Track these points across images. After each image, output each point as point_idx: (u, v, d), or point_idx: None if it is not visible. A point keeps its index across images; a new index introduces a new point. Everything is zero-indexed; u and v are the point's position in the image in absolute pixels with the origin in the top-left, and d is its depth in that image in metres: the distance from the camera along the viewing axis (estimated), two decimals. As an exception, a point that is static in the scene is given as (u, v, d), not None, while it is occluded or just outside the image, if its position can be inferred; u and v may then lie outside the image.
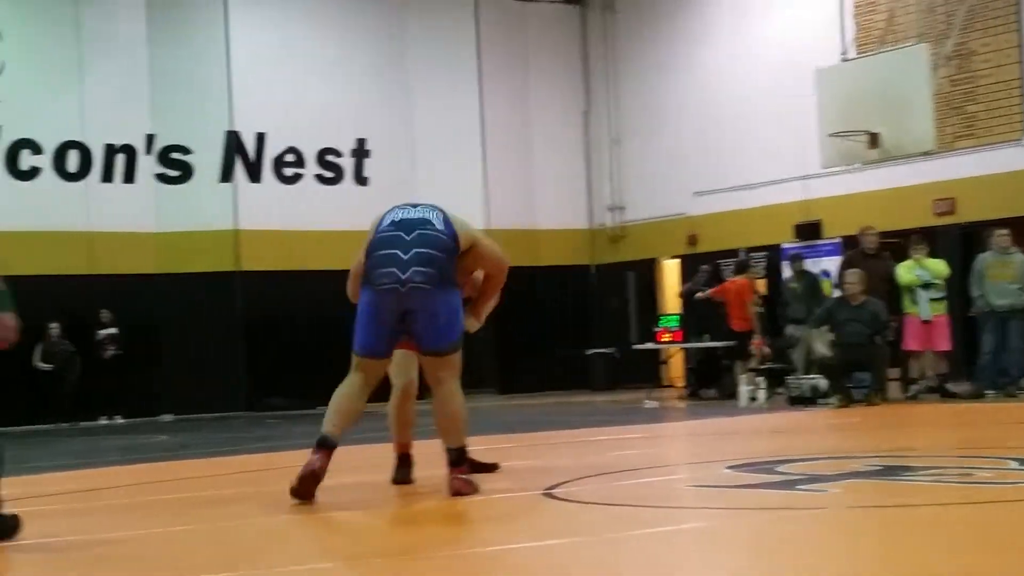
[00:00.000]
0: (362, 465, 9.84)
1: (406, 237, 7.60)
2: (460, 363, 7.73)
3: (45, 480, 9.48)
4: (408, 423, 8.46)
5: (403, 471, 8.43)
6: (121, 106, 22.98)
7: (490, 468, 8.62)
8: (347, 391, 7.79)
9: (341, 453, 7.85)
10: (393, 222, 7.75)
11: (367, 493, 8.13)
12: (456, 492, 7.52)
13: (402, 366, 8.31)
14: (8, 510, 6.44)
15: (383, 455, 8.75)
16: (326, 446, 7.56)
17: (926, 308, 16.05)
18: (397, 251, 7.56)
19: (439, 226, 7.66)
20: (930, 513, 6.29)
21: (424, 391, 8.16)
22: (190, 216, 23.23)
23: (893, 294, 16.37)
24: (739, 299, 19.18)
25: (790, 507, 6.73)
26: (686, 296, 21.31)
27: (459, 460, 7.63)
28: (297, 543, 6.37)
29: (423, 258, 7.51)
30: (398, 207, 7.96)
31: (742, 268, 20.46)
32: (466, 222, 8.00)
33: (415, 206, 7.91)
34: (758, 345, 18.44)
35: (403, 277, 7.49)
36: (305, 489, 7.46)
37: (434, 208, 7.85)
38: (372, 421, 8.44)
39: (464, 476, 7.60)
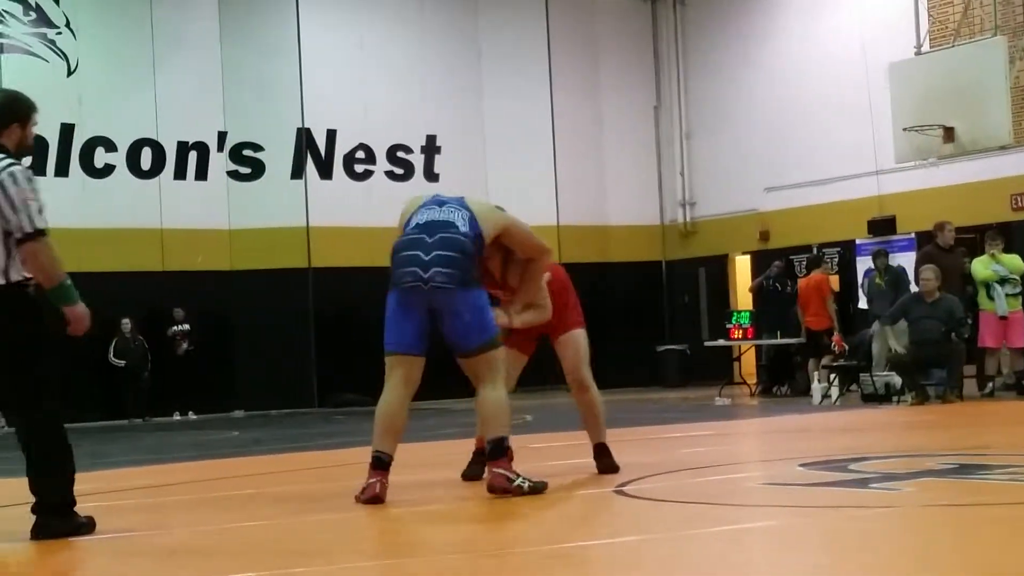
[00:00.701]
0: (430, 461, 9.86)
1: (428, 239, 7.65)
2: (499, 361, 7.67)
3: (120, 475, 9.58)
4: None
5: (477, 467, 8.39)
6: (194, 104, 23.18)
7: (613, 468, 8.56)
8: (386, 404, 7.82)
9: (417, 448, 7.86)
10: (418, 224, 7.79)
11: (436, 490, 8.13)
12: (490, 488, 7.47)
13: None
14: (81, 512, 6.52)
15: (450, 451, 8.76)
16: (380, 466, 7.59)
17: (1003, 304, 15.83)
18: (419, 252, 7.61)
19: (462, 228, 7.68)
20: (1006, 512, 6.20)
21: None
22: (261, 213, 23.38)
23: (968, 290, 16.16)
24: (815, 296, 18.86)
25: (863, 505, 6.66)
26: (756, 290, 21.15)
27: (496, 453, 7.52)
28: (365, 539, 6.38)
29: (443, 260, 7.55)
30: (425, 205, 7.95)
31: (815, 264, 20.16)
32: (494, 209, 7.98)
33: (442, 204, 7.89)
34: (838, 342, 18.06)
35: (424, 276, 7.54)
36: (375, 503, 7.49)
37: (460, 207, 7.83)
38: (446, 416, 8.42)
39: (502, 471, 7.47)
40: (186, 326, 22.57)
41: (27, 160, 6.88)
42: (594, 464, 8.48)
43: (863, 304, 19.84)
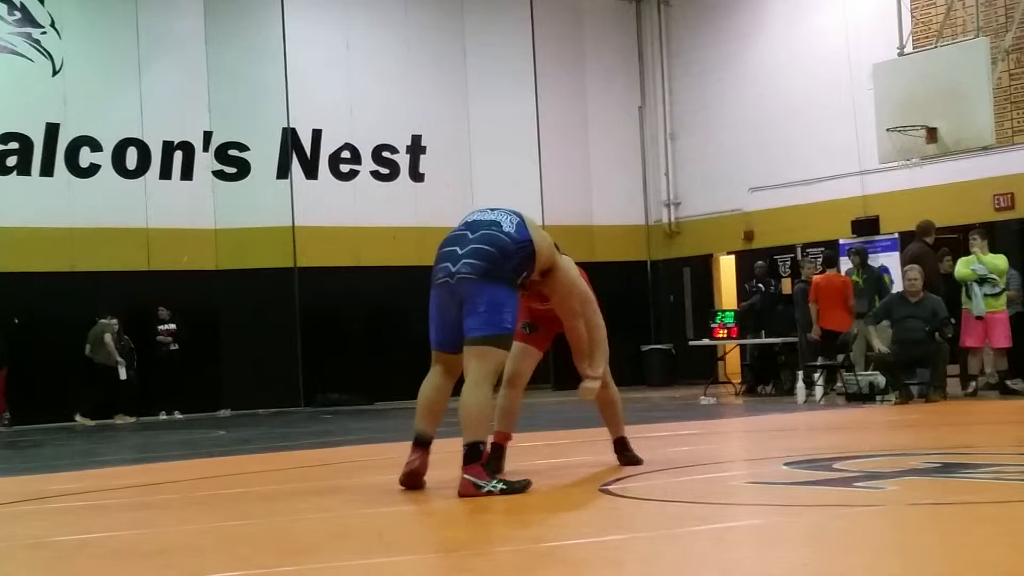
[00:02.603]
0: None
1: (470, 235, 7.72)
2: (498, 362, 7.69)
3: (108, 474, 9.58)
4: (512, 413, 8.56)
5: (495, 462, 8.49)
6: (179, 103, 23.17)
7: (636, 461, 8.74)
8: (425, 388, 7.92)
9: (404, 448, 7.90)
10: (466, 222, 7.89)
11: (426, 488, 8.16)
12: (460, 494, 7.45)
13: (512, 356, 8.25)
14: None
15: (438, 450, 8.77)
16: (419, 443, 7.79)
17: (980, 304, 15.89)
18: (456, 247, 7.69)
19: (508, 228, 7.73)
20: (990, 510, 6.24)
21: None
22: (247, 213, 23.39)
23: (950, 289, 16.23)
24: (839, 296, 18.00)
25: (848, 504, 6.70)
26: (746, 311, 21.10)
27: (470, 457, 7.49)
28: (354, 538, 6.41)
29: (476, 252, 7.61)
30: (479, 210, 8.06)
31: (830, 262, 19.19)
32: (553, 246, 8.03)
33: (494, 210, 7.98)
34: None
35: (453, 270, 7.62)
36: (412, 483, 7.77)
37: (512, 213, 7.89)
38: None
39: (472, 477, 7.44)
40: (172, 325, 22.56)
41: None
42: (605, 459, 8.66)
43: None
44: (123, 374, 21.87)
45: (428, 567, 5.44)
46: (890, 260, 20.49)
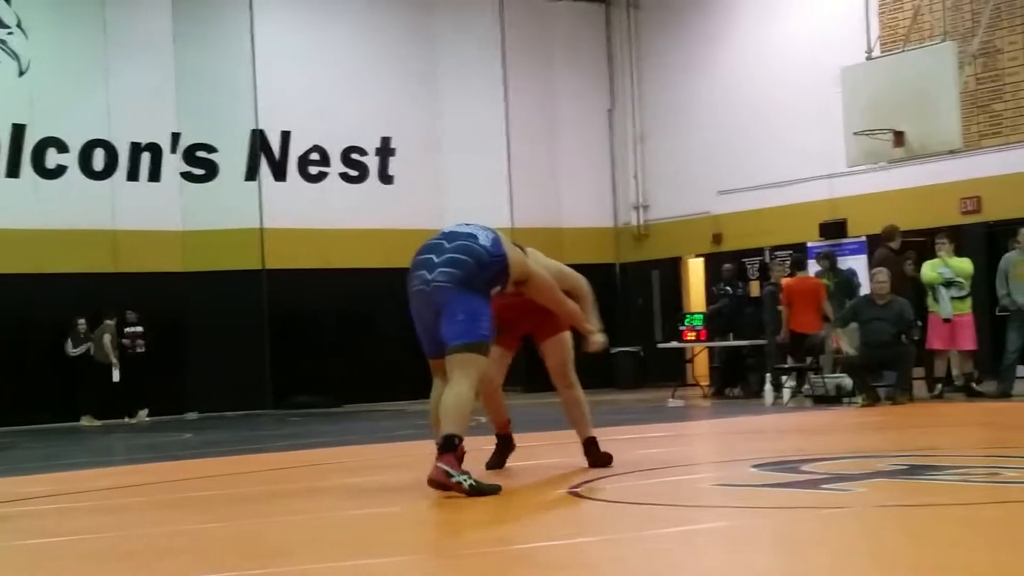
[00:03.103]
0: (386, 463, 9.88)
1: (447, 245, 7.83)
2: (479, 368, 7.72)
3: (75, 477, 9.55)
4: (498, 410, 8.83)
5: (500, 456, 8.89)
6: (147, 105, 23.08)
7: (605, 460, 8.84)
8: (432, 404, 7.97)
9: (374, 450, 7.90)
10: (443, 232, 8.00)
11: (397, 491, 8.16)
12: (430, 481, 7.44)
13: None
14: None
15: (406, 453, 8.80)
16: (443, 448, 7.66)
17: (946, 307, 15.97)
18: (432, 256, 7.79)
19: (484, 242, 7.85)
20: (956, 512, 6.29)
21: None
22: (215, 214, 23.31)
23: (917, 292, 16.30)
24: (812, 298, 17.75)
25: (815, 506, 6.74)
26: (714, 314, 21.13)
27: (446, 447, 7.49)
28: (324, 541, 6.40)
29: (452, 261, 7.72)
30: (455, 224, 8.17)
31: (800, 265, 19.00)
32: (525, 255, 8.20)
33: (469, 224, 8.10)
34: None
35: (429, 278, 7.70)
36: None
37: (490, 230, 8.02)
38: (401, 419, 8.45)
39: (444, 465, 7.42)
40: (139, 328, 22.46)
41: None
42: (575, 462, 8.77)
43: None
44: (116, 376, 21.89)
45: (399, 570, 5.44)
46: (858, 263, 20.57)
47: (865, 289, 17.97)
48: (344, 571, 5.41)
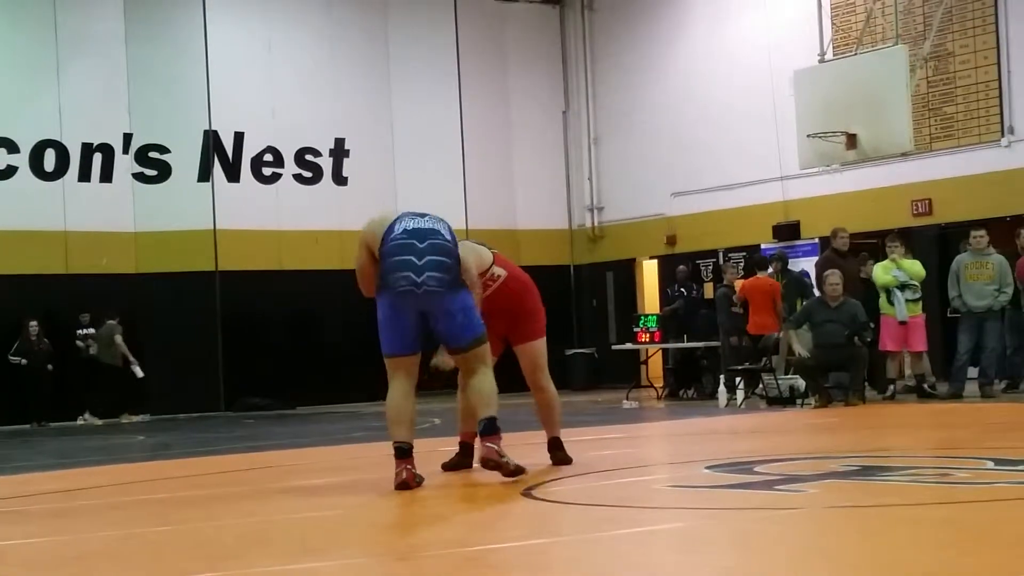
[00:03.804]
0: (340, 465, 9.84)
1: (419, 244, 8.08)
2: (488, 354, 8.25)
3: (25, 480, 9.46)
4: (468, 412, 8.87)
5: (460, 458, 9.03)
6: (99, 105, 22.91)
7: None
8: (392, 402, 8.19)
9: (328, 452, 7.88)
10: (406, 231, 8.17)
11: (349, 493, 8.14)
12: (483, 461, 8.01)
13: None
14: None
15: (358, 454, 8.78)
16: (402, 455, 8.03)
17: (902, 309, 16.07)
18: (412, 257, 8.03)
19: (446, 236, 8.21)
20: (907, 513, 6.32)
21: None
22: (168, 216, 23.17)
23: (868, 294, 16.39)
24: (768, 300, 17.90)
25: (768, 507, 6.76)
26: (669, 315, 21.18)
27: (489, 429, 8.01)
28: (277, 543, 6.38)
29: (436, 264, 8.02)
30: (407, 215, 8.34)
31: (761, 265, 18.97)
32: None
33: (422, 216, 8.33)
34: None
35: (418, 280, 7.98)
36: (406, 488, 7.93)
37: (440, 219, 8.36)
38: (355, 420, 8.42)
39: (493, 445, 7.97)
40: (91, 329, 22.29)
41: None
42: (531, 462, 8.75)
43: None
44: (139, 373, 21.98)
45: (351, 572, 5.42)
46: (811, 265, 20.65)
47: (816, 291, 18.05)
48: (294, 573, 5.38)
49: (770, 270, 18.90)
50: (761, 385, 17.27)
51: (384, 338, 8.14)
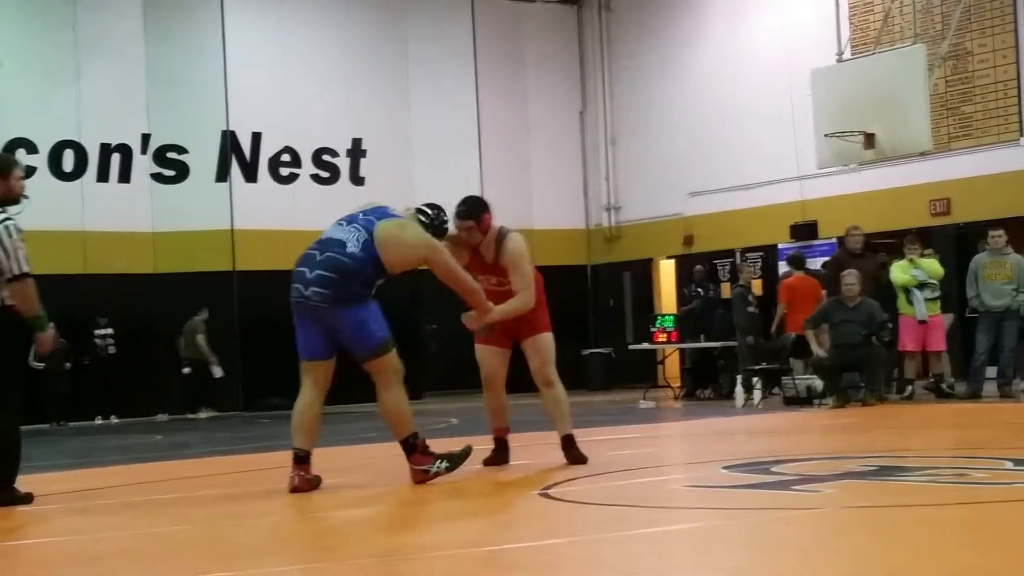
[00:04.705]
0: (356, 465, 9.85)
1: (318, 257, 8.22)
2: (393, 366, 8.23)
3: (44, 480, 9.49)
4: (498, 410, 9.19)
5: (497, 454, 9.18)
6: (117, 106, 22.98)
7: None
8: (296, 408, 8.50)
9: (343, 452, 7.90)
10: (319, 239, 8.36)
11: (365, 492, 8.14)
12: (415, 482, 8.05)
13: (481, 360, 9.10)
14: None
15: (373, 454, 8.78)
16: (297, 461, 8.18)
17: (922, 308, 16.02)
18: (305, 269, 8.23)
19: (351, 248, 8.14)
20: (925, 513, 6.30)
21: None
22: (186, 216, 23.22)
23: (885, 294, 16.33)
24: (810, 298, 17.46)
25: (785, 507, 6.74)
26: (686, 315, 21.12)
27: (409, 449, 8.10)
28: (292, 543, 6.38)
29: (320, 279, 8.11)
30: (342, 219, 8.49)
31: (799, 263, 18.72)
32: (405, 241, 8.32)
33: (352, 221, 8.38)
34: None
35: (306, 293, 8.17)
36: (300, 492, 8.08)
37: (361, 229, 8.27)
38: (371, 420, 8.42)
39: (418, 465, 8.07)
40: (109, 329, 22.34)
41: (15, 208, 8.32)
42: (546, 462, 8.95)
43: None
44: (217, 372, 22.38)
45: (365, 571, 5.42)
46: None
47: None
48: (309, 573, 5.39)
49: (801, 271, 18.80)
50: (778, 386, 17.23)
51: (297, 342, 8.42)
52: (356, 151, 24.81)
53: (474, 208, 9.10)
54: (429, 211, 8.72)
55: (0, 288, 8.33)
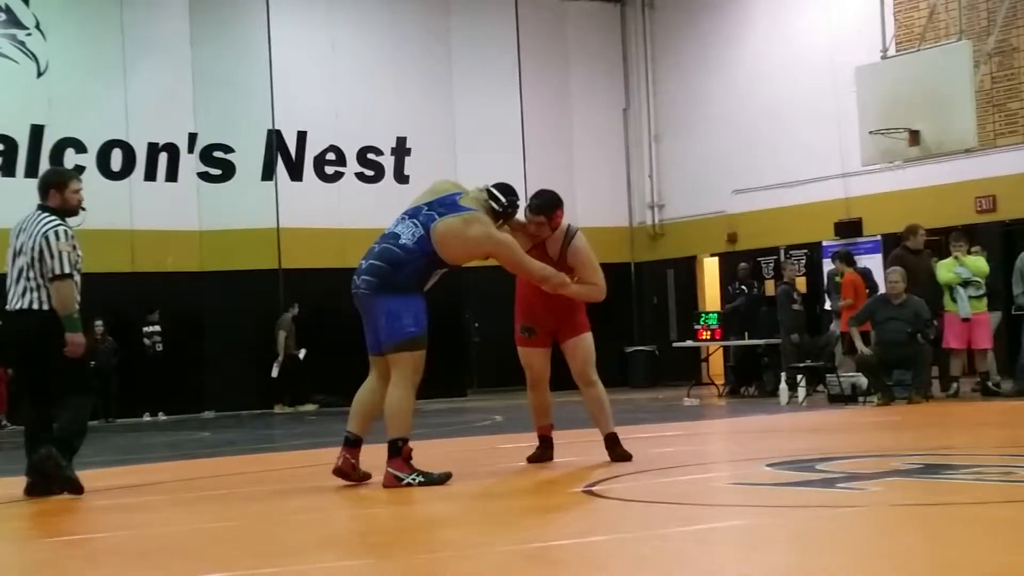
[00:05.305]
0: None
1: (375, 249, 8.27)
2: (413, 365, 8.11)
3: (92, 476, 9.58)
4: (543, 408, 9.23)
5: (541, 451, 9.23)
6: (164, 105, 23.13)
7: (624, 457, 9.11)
8: (357, 395, 8.46)
9: (383, 450, 7.94)
10: (383, 233, 8.39)
11: (411, 490, 8.18)
12: (384, 485, 7.99)
13: (527, 363, 9.18)
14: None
15: (424, 450, 8.82)
16: (346, 444, 8.28)
17: (966, 306, 15.93)
18: (363, 261, 8.28)
19: (405, 241, 8.15)
20: (971, 511, 6.29)
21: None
22: (232, 214, 23.36)
23: (936, 292, 16.25)
24: (859, 295, 17.40)
25: (830, 505, 6.74)
26: (730, 312, 21.06)
27: (392, 452, 8.02)
28: (339, 540, 6.43)
29: (370, 268, 8.16)
30: (404, 212, 8.47)
31: (851, 260, 18.56)
32: (478, 235, 8.27)
33: (414, 214, 8.32)
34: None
35: (358, 283, 8.22)
36: (342, 477, 8.27)
37: (424, 223, 8.19)
38: (415, 418, 8.46)
39: (394, 470, 7.97)
40: (157, 327, 22.52)
41: (74, 220, 9.18)
42: (589, 460, 9.00)
43: (828, 305, 20.01)
44: (275, 371, 22.93)
45: (411, 568, 5.46)
46: (873, 262, 20.54)
47: (881, 288, 17.92)
48: (355, 570, 5.43)
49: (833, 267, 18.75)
50: (822, 384, 17.17)
51: None
52: (400, 149, 24.88)
53: (549, 203, 9.16)
54: (503, 198, 8.65)
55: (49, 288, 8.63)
